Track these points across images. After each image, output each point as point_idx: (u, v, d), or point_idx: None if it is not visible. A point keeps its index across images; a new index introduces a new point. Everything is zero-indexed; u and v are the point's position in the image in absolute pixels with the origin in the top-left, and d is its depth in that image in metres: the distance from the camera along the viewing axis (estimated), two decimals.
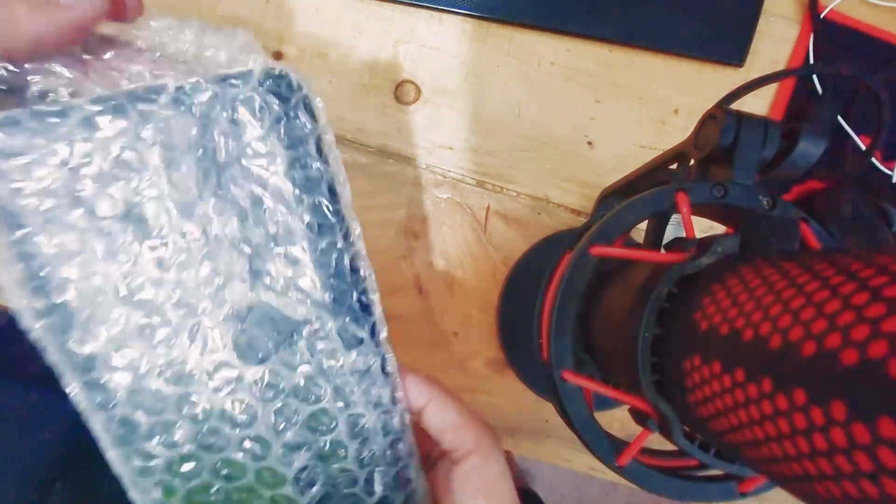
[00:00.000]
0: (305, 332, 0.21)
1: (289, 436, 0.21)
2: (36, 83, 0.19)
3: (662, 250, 0.23)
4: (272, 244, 0.21)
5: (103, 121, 0.19)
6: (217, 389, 0.20)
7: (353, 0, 0.43)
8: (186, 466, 0.20)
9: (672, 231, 0.40)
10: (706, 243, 0.21)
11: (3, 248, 0.18)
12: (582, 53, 0.44)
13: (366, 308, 0.23)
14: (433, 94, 0.43)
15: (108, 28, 0.23)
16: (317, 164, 0.22)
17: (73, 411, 0.20)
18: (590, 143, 0.44)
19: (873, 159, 0.45)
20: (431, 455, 0.25)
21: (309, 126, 0.22)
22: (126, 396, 0.20)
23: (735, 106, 0.26)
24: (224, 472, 0.21)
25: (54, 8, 0.17)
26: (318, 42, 0.43)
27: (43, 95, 0.20)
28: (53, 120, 0.19)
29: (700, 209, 0.24)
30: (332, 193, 0.23)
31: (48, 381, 0.20)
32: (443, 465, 0.23)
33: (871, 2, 0.45)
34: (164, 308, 0.20)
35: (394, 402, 0.22)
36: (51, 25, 0.17)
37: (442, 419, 0.21)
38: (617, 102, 0.44)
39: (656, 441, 0.22)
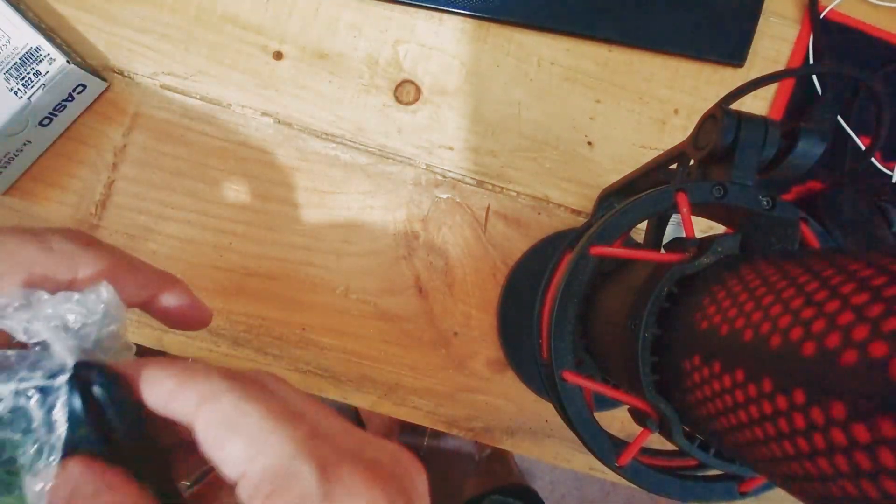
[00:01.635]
0: None
1: None
2: None
3: (662, 250, 0.23)
4: None
5: None
6: None
7: (353, 0, 0.43)
8: None
9: (672, 231, 0.40)
10: (706, 243, 0.21)
11: None
12: (582, 53, 0.44)
13: None
14: (433, 94, 0.43)
15: None
16: None
17: None
18: (590, 143, 0.44)
19: (873, 159, 0.45)
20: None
21: None
22: None
23: (735, 106, 0.26)
24: None
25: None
26: (318, 42, 0.43)
27: None
28: None
29: (700, 209, 0.24)
30: None
31: None
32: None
33: (871, 2, 0.45)
34: None
35: None
36: None
37: (156, 394, 0.17)
38: (617, 102, 0.44)
39: (656, 441, 0.22)
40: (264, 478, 0.16)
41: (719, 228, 0.26)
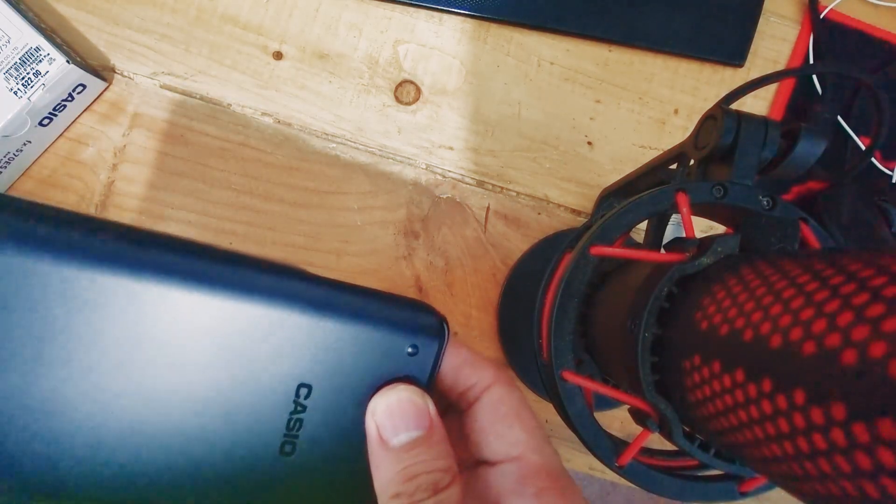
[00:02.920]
0: None
1: None
2: None
3: (662, 250, 0.23)
4: None
5: None
6: None
7: (353, 0, 0.43)
8: None
9: (672, 231, 0.40)
10: (706, 243, 0.21)
11: None
12: (582, 53, 0.44)
13: None
14: (433, 94, 0.43)
15: None
16: None
17: None
18: (590, 143, 0.44)
19: (873, 159, 0.45)
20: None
21: None
22: None
23: (735, 106, 0.26)
24: None
25: None
26: (318, 42, 0.43)
27: None
28: None
29: (700, 209, 0.24)
30: None
31: None
32: (458, 406, 0.21)
33: (871, 2, 0.45)
34: None
35: None
36: None
37: (455, 356, 0.20)
38: (617, 102, 0.44)
39: (656, 441, 0.22)
40: (541, 472, 0.19)
41: (719, 228, 0.26)
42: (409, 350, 0.19)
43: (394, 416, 0.18)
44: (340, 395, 0.18)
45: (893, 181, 0.45)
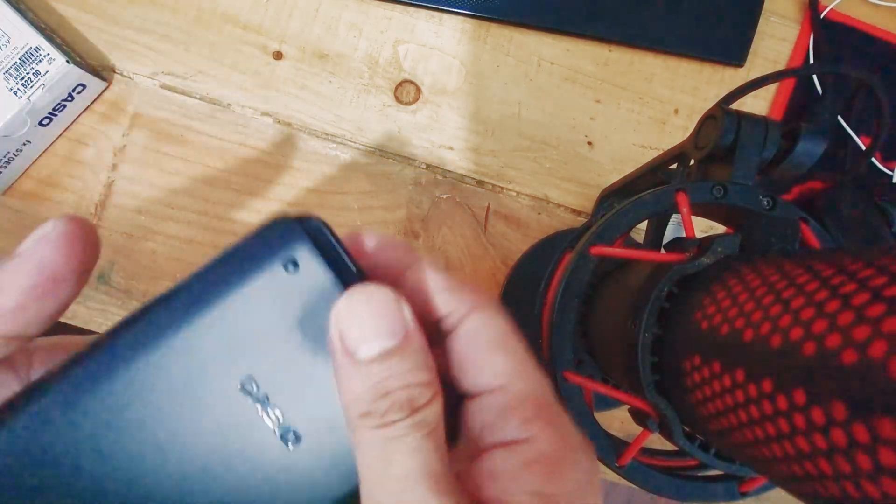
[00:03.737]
0: None
1: None
2: None
3: (662, 250, 0.23)
4: None
5: None
6: None
7: (353, 0, 0.43)
8: None
9: (672, 231, 0.40)
10: (706, 243, 0.21)
11: None
12: (582, 53, 0.44)
13: None
14: (433, 94, 0.43)
15: None
16: None
17: None
18: (590, 143, 0.44)
19: (873, 159, 0.45)
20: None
21: None
22: None
23: (735, 106, 0.26)
24: None
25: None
26: (319, 42, 0.43)
27: None
28: None
29: (700, 209, 0.24)
30: None
31: None
32: (435, 339, 0.18)
33: (872, 2, 0.45)
34: None
35: None
36: None
37: (429, 281, 0.17)
38: (617, 102, 0.44)
39: (656, 441, 0.22)
40: (526, 401, 0.16)
41: (719, 228, 0.26)
42: (288, 268, 0.16)
43: (361, 321, 0.15)
44: (285, 357, 0.16)
45: (894, 181, 0.45)
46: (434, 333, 0.17)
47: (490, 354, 0.16)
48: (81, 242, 0.16)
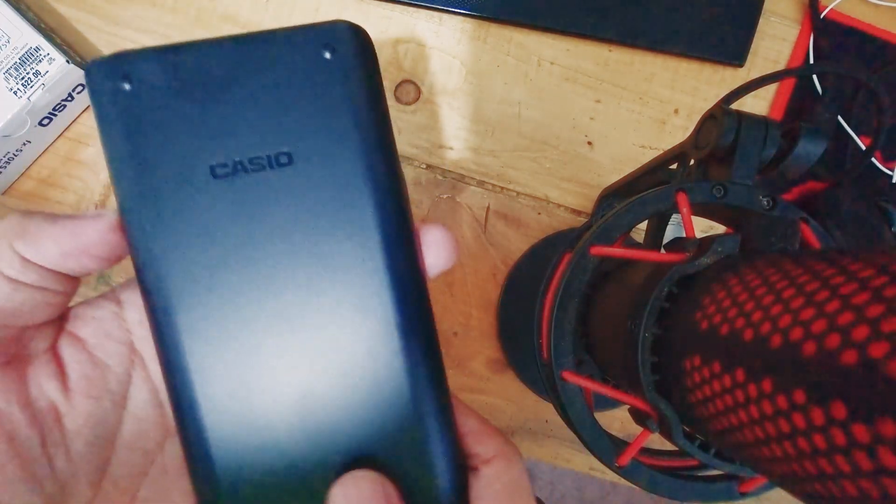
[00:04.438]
0: None
1: None
2: None
3: (662, 250, 0.23)
4: None
5: None
6: None
7: (353, 0, 0.43)
8: None
9: (672, 231, 0.40)
10: (706, 243, 0.21)
11: None
12: (582, 53, 0.44)
13: None
14: (433, 93, 0.43)
15: None
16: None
17: None
18: (590, 142, 0.44)
19: (873, 159, 0.45)
20: None
21: None
22: None
23: (735, 106, 0.26)
24: None
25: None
26: None
27: None
28: None
29: (700, 209, 0.24)
30: None
31: None
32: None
33: (872, 1, 0.45)
34: None
35: None
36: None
37: (465, 425, 0.20)
38: (617, 102, 0.44)
39: (656, 441, 0.22)
40: None
41: (720, 228, 0.26)
42: (327, 55, 0.18)
43: None
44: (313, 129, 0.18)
45: (894, 181, 0.45)
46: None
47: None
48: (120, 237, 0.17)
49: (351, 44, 0.18)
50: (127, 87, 0.17)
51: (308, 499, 0.18)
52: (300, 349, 0.18)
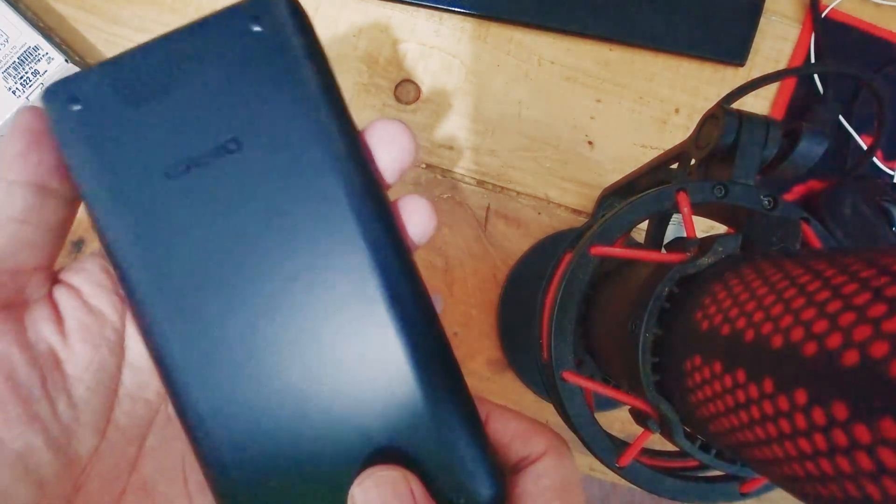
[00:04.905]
0: None
1: None
2: None
3: (663, 250, 0.23)
4: None
5: None
6: None
7: (353, 0, 0.43)
8: None
9: (673, 231, 0.40)
10: (707, 243, 0.21)
11: None
12: (582, 53, 0.44)
13: None
14: (433, 93, 0.43)
15: None
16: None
17: None
18: (590, 142, 0.44)
19: (874, 159, 0.45)
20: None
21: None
22: None
23: (736, 105, 0.26)
24: None
25: None
26: None
27: None
28: None
29: (701, 209, 0.24)
30: None
31: None
32: (510, 475, 0.20)
33: (873, 1, 0.45)
34: None
35: None
36: None
37: (505, 429, 0.19)
38: (617, 102, 0.44)
39: (657, 442, 0.22)
40: None
41: (720, 228, 0.26)
42: (256, 28, 0.17)
43: None
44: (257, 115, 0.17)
45: (895, 180, 0.45)
46: (513, 471, 0.19)
47: (549, 501, 0.18)
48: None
49: (276, 10, 0.17)
50: (76, 108, 0.17)
51: (330, 496, 0.17)
52: (295, 339, 0.17)
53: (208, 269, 0.17)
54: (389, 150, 0.19)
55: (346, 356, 0.17)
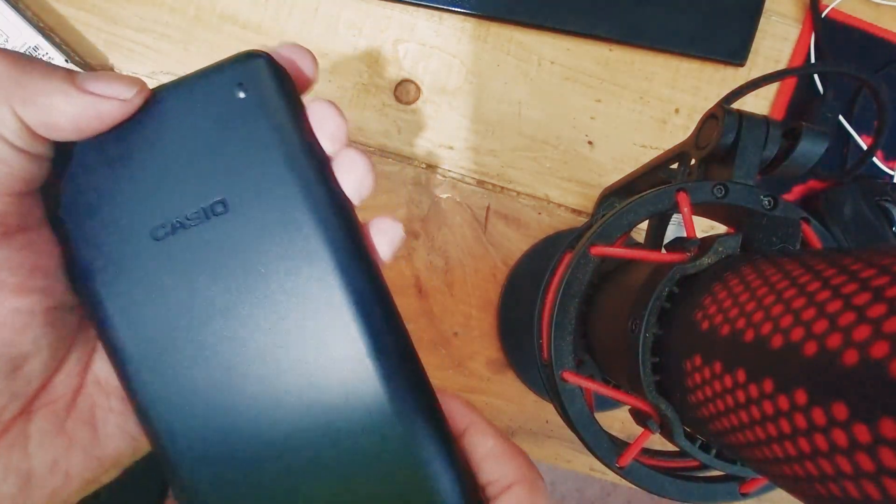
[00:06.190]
0: None
1: None
2: None
3: (663, 250, 0.23)
4: None
5: None
6: None
7: (353, 0, 0.43)
8: None
9: (673, 231, 0.40)
10: (707, 243, 0.21)
11: None
12: (582, 53, 0.44)
13: None
14: (433, 93, 0.43)
15: None
16: None
17: None
18: (590, 142, 0.44)
19: (874, 159, 0.45)
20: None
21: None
22: None
23: (736, 105, 0.26)
24: None
25: (87, 97, 0.16)
26: (318, 41, 0.43)
27: None
28: None
29: (701, 209, 0.24)
30: None
31: None
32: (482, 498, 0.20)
33: (873, 1, 0.45)
34: None
35: None
36: (85, 114, 0.16)
37: (482, 445, 0.19)
38: (617, 102, 0.44)
39: (657, 442, 0.22)
40: None
41: (720, 228, 0.26)
42: (241, 94, 0.18)
43: None
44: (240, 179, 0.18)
45: (895, 181, 0.45)
46: (483, 495, 0.19)
47: None
48: None
49: (262, 78, 0.18)
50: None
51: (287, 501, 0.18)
52: (256, 352, 0.18)
53: (192, 326, 0.18)
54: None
55: (305, 370, 0.18)
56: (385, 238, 0.20)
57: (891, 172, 0.45)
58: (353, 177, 0.19)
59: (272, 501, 0.18)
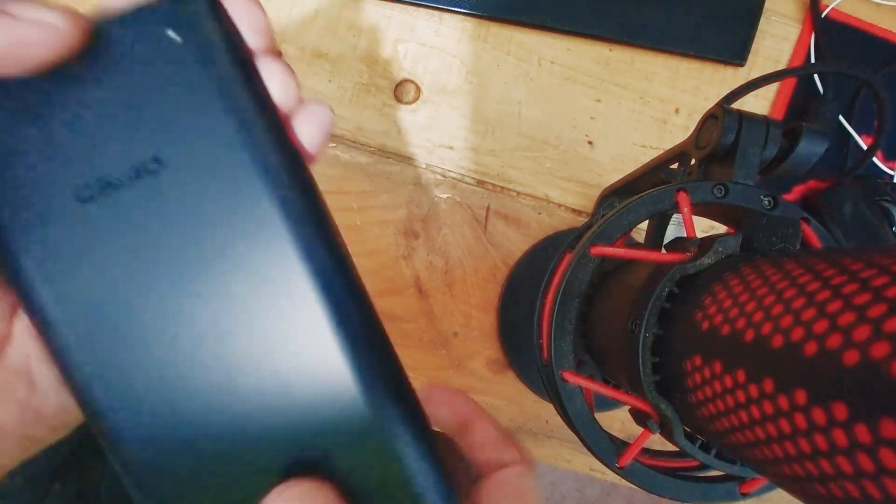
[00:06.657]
0: None
1: None
2: None
3: (663, 250, 0.23)
4: None
5: None
6: None
7: (353, 0, 0.43)
8: None
9: (673, 231, 0.40)
10: (707, 243, 0.21)
11: None
12: (582, 52, 0.44)
13: None
14: (433, 93, 0.43)
15: None
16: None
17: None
18: (590, 142, 0.44)
19: (874, 159, 0.45)
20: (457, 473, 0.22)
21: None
22: None
23: (736, 105, 0.26)
24: None
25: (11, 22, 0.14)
26: (318, 41, 0.43)
27: None
28: None
29: (701, 209, 0.24)
30: None
31: None
32: (471, 478, 0.20)
33: (873, 1, 0.45)
34: None
35: None
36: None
37: (486, 434, 0.20)
38: (617, 102, 0.44)
39: (657, 442, 0.22)
40: None
41: (720, 228, 0.26)
42: (177, 37, 0.15)
43: None
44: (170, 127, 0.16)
45: (895, 180, 0.45)
46: (478, 473, 0.20)
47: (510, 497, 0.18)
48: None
49: (193, 11, 0.16)
50: None
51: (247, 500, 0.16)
52: (210, 341, 0.16)
53: (127, 290, 0.16)
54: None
55: (255, 343, 0.16)
56: (314, 120, 0.18)
57: (891, 172, 0.45)
58: (275, 83, 0.17)
59: (220, 485, 0.16)
